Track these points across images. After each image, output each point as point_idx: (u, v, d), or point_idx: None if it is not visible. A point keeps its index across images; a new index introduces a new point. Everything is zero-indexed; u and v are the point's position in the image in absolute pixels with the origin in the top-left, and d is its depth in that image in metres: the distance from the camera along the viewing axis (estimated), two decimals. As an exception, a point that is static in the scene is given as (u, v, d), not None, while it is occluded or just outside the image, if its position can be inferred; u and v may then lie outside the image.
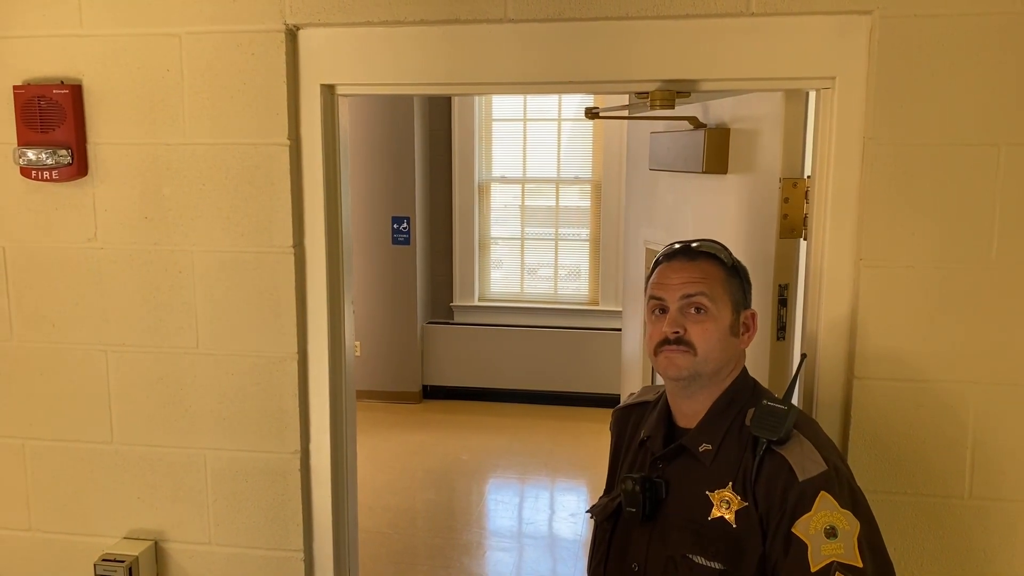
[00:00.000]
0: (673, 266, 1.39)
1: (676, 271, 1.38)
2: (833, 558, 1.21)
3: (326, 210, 1.75)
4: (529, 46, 1.62)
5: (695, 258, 1.39)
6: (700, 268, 1.38)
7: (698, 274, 1.37)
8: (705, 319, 1.36)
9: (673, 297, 1.37)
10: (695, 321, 1.36)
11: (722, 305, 1.37)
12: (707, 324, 1.36)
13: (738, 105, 2.00)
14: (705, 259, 1.39)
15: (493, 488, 4.60)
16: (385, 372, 5.79)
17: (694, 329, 1.35)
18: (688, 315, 1.36)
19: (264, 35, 1.67)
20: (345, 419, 1.87)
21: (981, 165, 1.51)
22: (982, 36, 1.48)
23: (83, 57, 1.73)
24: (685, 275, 1.37)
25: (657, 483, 1.38)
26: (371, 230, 5.63)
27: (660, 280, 1.40)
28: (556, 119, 5.79)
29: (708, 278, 1.37)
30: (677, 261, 1.40)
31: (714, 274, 1.38)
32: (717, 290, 1.37)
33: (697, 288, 1.36)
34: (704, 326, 1.36)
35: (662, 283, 1.39)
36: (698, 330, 1.35)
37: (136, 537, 1.89)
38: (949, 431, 1.59)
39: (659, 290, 1.39)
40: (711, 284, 1.37)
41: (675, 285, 1.37)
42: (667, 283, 1.38)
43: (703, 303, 1.36)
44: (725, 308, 1.37)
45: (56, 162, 1.74)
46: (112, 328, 1.83)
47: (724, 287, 1.38)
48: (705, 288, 1.36)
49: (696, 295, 1.36)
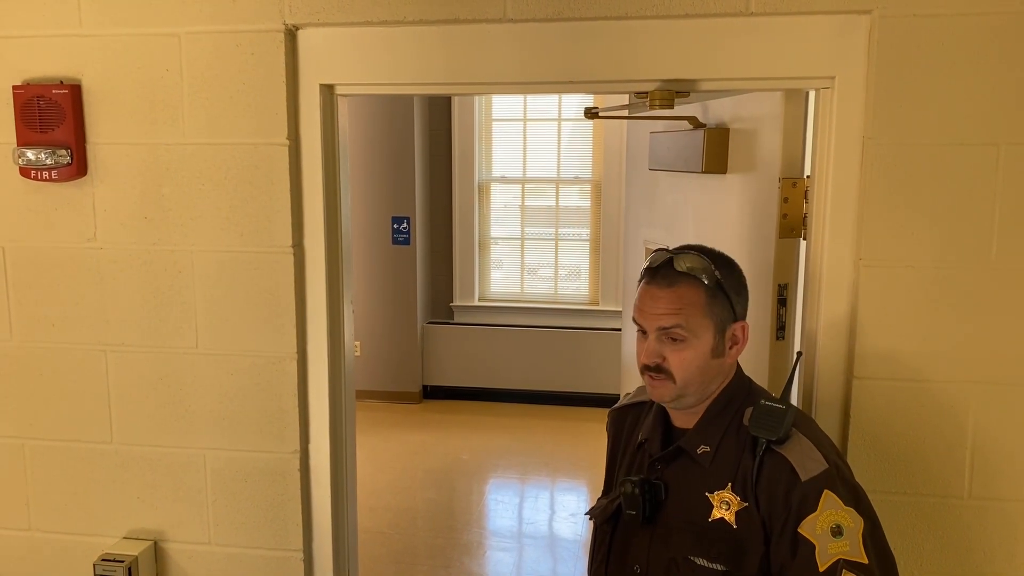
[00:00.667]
0: (651, 291, 1.35)
1: (654, 299, 1.35)
2: (839, 556, 1.21)
3: (325, 210, 1.75)
4: (528, 46, 1.62)
5: (674, 283, 1.34)
6: (678, 296, 1.33)
7: (675, 304, 1.33)
8: (683, 348, 1.33)
9: (651, 326, 1.35)
10: (673, 350, 1.33)
11: (703, 331, 1.33)
12: (685, 353, 1.33)
13: (737, 105, 2.00)
14: (685, 283, 1.33)
15: (493, 488, 4.60)
16: (385, 372, 5.79)
17: (673, 358, 1.33)
18: (665, 344, 1.34)
19: (263, 35, 1.67)
20: (345, 419, 1.87)
21: (980, 165, 1.51)
22: (981, 36, 1.48)
23: (83, 57, 1.74)
24: (662, 305, 1.33)
25: (656, 485, 1.38)
26: (371, 230, 5.63)
27: (640, 305, 1.37)
28: (556, 119, 5.78)
29: (686, 307, 1.32)
30: (656, 285, 1.35)
31: (693, 300, 1.33)
32: (696, 318, 1.33)
33: (673, 321, 1.32)
34: (682, 355, 1.33)
35: (641, 309, 1.37)
36: (676, 359, 1.33)
37: (136, 537, 1.89)
38: (948, 431, 1.59)
39: (639, 315, 1.37)
40: (688, 314, 1.32)
41: (653, 315, 1.34)
42: (646, 311, 1.36)
43: (679, 334, 1.32)
44: (706, 332, 1.33)
45: (56, 162, 1.74)
46: (112, 328, 1.83)
47: (704, 311, 1.33)
48: (681, 320, 1.32)
49: (672, 328, 1.32)
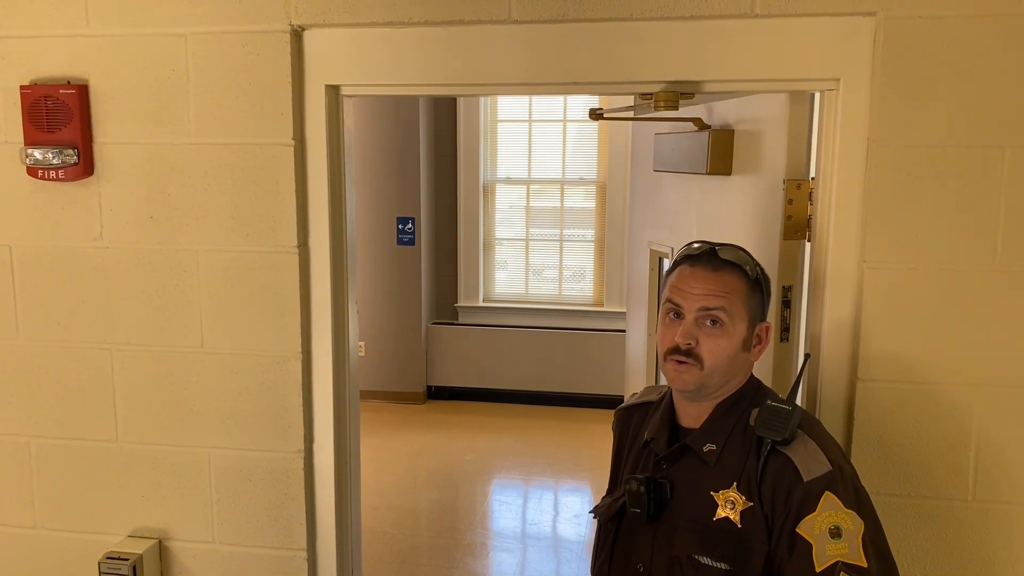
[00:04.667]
0: (696, 273, 1.33)
1: (699, 279, 1.32)
2: (838, 558, 1.20)
3: (330, 210, 1.76)
4: (533, 47, 1.62)
5: (720, 268, 1.32)
6: (724, 281, 1.31)
7: (721, 287, 1.31)
8: (720, 334, 1.31)
9: (691, 306, 1.31)
10: (708, 335, 1.31)
11: (739, 320, 1.32)
12: (720, 340, 1.31)
13: (742, 106, 2.00)
14: (730, 270, 1.32)
15: (497, 489, 4.61)
16: (390, 372, 5.80)
17: (706, 343, 1.31)
18: (703, 327, 1.31)
19: (269, 36, 1.68)
20: (349, 419, 1.88)
21: (985, 166, 1.51)
22: (986, 37, 1.48)
23: (89, 57, 1.74)
24: (708, 286, 1.31)
25: (662, 483, 1.37)
26: (376, 231, 5.64)
27: (680, 285, 1.34)
28: (561, 120, 5.79)
29: (730, 292, 1.31)
30: (701, 268, 1.33)
31: (737, 288, 1.32)
32: (737, 305, 1.31)
33: (717, 302, 1.30)
34: (717, 341, 1.31)
35: (682, 288, 1.33)
36: (710, 344, 1.31)
37: (140, 535, 1.90)
38: (952, 434, 1.59)
39: (677, 295, 1.33)
40: (732, 299, 1.31)
41: (695, 295, 1.31)
42: (687, 290, 1.32)
43: (720, 317, 1.30)
44: (742, 323, 1.32)
45: (62, 162, 1.75)
46: (117, 327, 1.83)
47: (744, 302, 1.32)
48: (725, 303, 1.30)
49: (715, 309, 1.30)
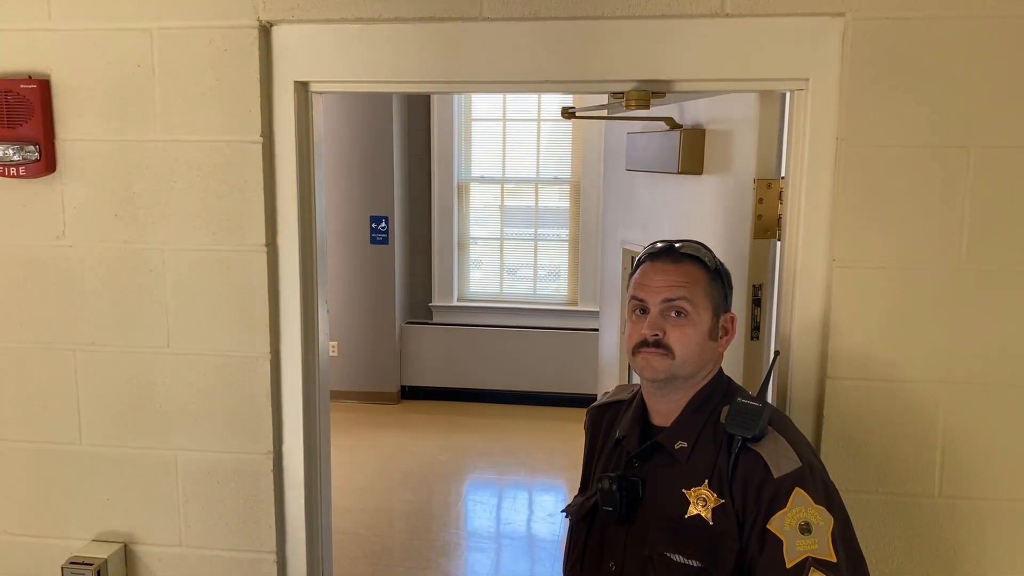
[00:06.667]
0: (656, 267, 1.38)
1: (659, 273, 1.37)
2: (808, 554, 1.22)
3: (299, 208, 1.73)
4: (505, 45, 1.62)
5: (679, 260, 1.38)
6: (683, 271, 1.37)
7: (681, 278, 1.36)
8: (685, 323, 1.35)
9: (654, 300, 1.36)
10: (675, 325, 1.35)
11: (703, 309, 1.36)
12: (686, 328, 1.35)
13: (713, 106, 2.01)
14: (689, 262, 1.38)
15: (471, 488, 4.60)
16: (363, 372, 5.76)
17: (673, 333, 1.35)
18: (668, 318, 1.36)
19: (237, 31, 1.65)
20: (319, 420, 1.86)
21: (951, 167, 1.53)
22: (953, 39, 1.50)
23: (52, 51, 1.70)
24: (668, 278, 1.36)
25: (634, 482, 1.38)
26: (349, 229, 5.60)
27: (642, 281, 1.39)
28: (535, 119, 5.79)
29: (690, 282, 1.36)
30: (661, 262, 1.38)
31: (697, 278, 1.37)
32: (699, 294, 1.36)
33: (678, 292, 1.35)
34: (683, 330, 1.35)
35: (644, 284, 1.38)
36: (677, 334, 1.35)
37: (105, 539, 1.86)
38: (920, 430, 1.61)
39: (640, 291, 1.38)
40: (693, 288, 1.36)
41: (657, 288, 1.36)
42: (649, 284, 1.37)
43: (684, 307, 1.35)
44: (706, 312, 1.37)
45: (23, 158, 1.71)
46: (81, 327, 1.80)
47: (706, 291, 1.37)
48: (686, 292, 1.35)
49: (677, 299, 1.35)
